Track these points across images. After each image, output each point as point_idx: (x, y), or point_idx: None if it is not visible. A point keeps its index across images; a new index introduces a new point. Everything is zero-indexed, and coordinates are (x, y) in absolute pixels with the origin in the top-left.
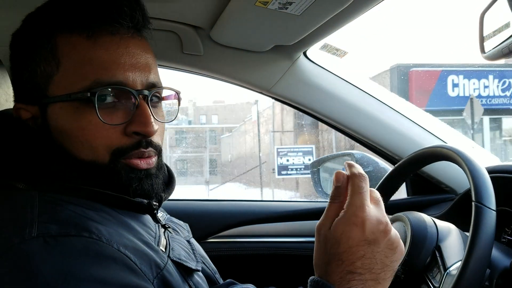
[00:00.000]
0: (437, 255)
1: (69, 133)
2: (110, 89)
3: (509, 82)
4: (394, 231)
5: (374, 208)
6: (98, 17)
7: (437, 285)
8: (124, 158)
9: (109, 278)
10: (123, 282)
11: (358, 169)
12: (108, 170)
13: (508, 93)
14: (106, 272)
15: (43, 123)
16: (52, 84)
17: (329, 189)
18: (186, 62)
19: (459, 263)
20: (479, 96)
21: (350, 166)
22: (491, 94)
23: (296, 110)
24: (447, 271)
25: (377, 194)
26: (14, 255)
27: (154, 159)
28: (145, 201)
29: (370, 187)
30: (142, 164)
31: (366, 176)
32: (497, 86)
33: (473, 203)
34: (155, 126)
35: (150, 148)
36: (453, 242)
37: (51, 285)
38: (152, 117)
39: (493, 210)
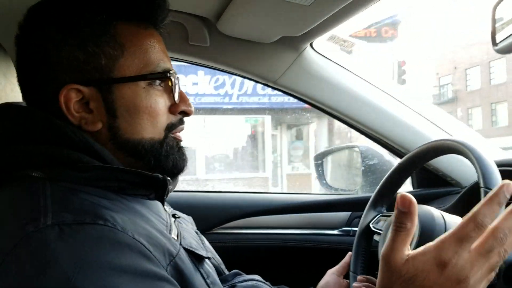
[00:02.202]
0: None
1: (137, 112)
2: (170, 73)
3: (224, 80)
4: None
5: (465, 259)
6: (148, 11)
7: None
8: (172, 132)
9: (124, 265)
10: (139, 268)
11: (486, 214)
12: (161, 144)
13: (221, 91)
14: (122, 259)
15: (105, 102)
16: (119, 67)
17: (334, 182)
18: (192, 53)
19: None
20: (187, 94)
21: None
22: (201, 92)
23: None
24: None
25: (493, 244)
26: (30, 244)
27: None
28: (160, 176)
29: (375, 179)
30: (181, 136)
31: (487, 225)
32: (209, 83)
33: (481, 189)
34: None
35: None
36: None
37: (68, 273)
38: None
39: None
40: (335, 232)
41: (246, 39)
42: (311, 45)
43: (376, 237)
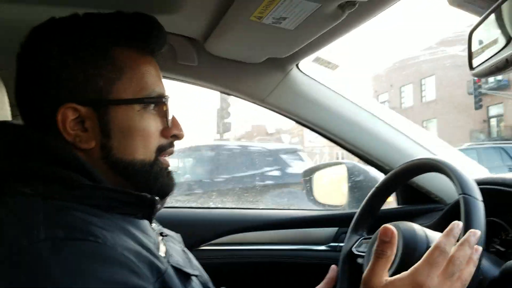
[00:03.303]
0: None
1: (130, 133)
2: (165, 98)
3: None
4: None
5: (437, 283)
6: (147, 39)
7: None
8: (161, 155)
9: (114, 281)
10: (129, 284)
11: (446, 243)
12: (151, 166)
13: None
14: (113, 275)
15: (100, 122)
16: (116, 89)
17: (321, 198)
18: (180, 72)
19: None
20: None
21: (448, 233)
22: None
23: None
24: None
25: (454, 269)
26: (25, 256)
27: None
28: (148, 195)
29: (361, 195)
30: (168, 162)
31: (449, 252)
32: None
33: (460, 196)
34: None
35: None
36: None
37: (61, 287)
38: None
39: (480, 200)
40: (322, 247)
41: (234, 59)
42: (297, 66)
43: (359, 260)
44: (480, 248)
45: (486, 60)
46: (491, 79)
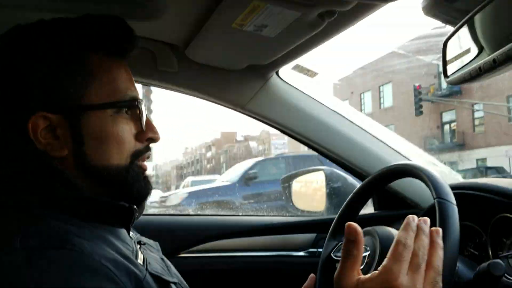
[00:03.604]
0: None
1: (104, 139)
2: (138, 101)
3: None
4: None
5: (408, 280)
6: (118, 42)
7: None
8: (138, 160)
9: None
10: None
11: (407, 237)
12: (127, 171)
13: None
14: (89, 284)
15: (72, 129)
16: (87, 94)
17: (300, 204)
18: (160, 79)
19: None
20: None
21: (406, 227)
22: None
23: None
24: None
25: (419, 260)
26: (0, 267)
27: None
28: (126, 204)
29: (339, 201)
30: (146, 166)
31: (411, 245)
32: None
33: (435, 200)
34: None
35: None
36: None
37: None
38: None
39: (454, 204)
40: (301, 253)
41: (214, 66)
42: (277, 73)
43: (338, 265)
44: (428, 220)
45: (460, 68)
46: (443, 86)
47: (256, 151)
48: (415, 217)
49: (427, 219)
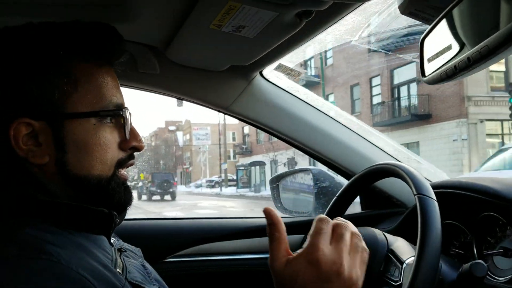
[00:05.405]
0: (391, 256)
1: (86, 148)
2: (123, 109)
3: None
4: (349, 273)
5: (331, 250)
6: (104, 50)
7: (398, 279)
8: (120, 169)
9: None
10: None
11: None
12: (108, 182)
13: None
14: None
15: (54, 137)
16: (71, 102)
17: (288, 205)
18: (141, 81)
19: (412, 258)
20: None
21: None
22: None
23: None
24: (404, 263)
25: (341, 231)
26: None
27: None
28: (106, 210)
29: (326, 200)
30: (127, 175)
31: (328, 219)
32: None
33: (415, 197)
34: None
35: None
36: (403, 245)
37: None
38: None
39: (434, 199)
40: None
41: (196, 67)
42: (260, 73)
43: None
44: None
45: (440, 67)
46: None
47: (181, 142)
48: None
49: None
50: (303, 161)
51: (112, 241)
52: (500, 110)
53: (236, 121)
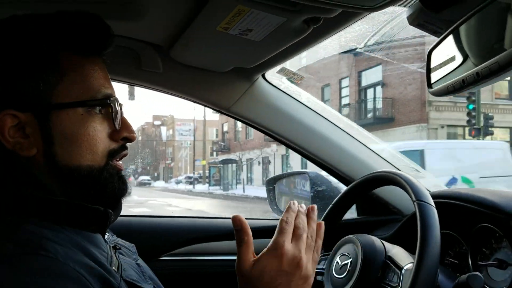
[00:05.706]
0: (389, 263)
1: (74, 139)
2: (112, 99)
3: None
4: (306, 266)
5: (292, 246)
6: (93, 41)
7: (396, 284)
8: (113, 159)
9: None
10: None
11: (288, 216)
12: (100, 172)
13: None
14: None
15: (41, 128)
16: (57, 93)
17: (284, 207)
18: (144, 79)
19: (411, 265)
20: None
21: (288, 210)
22: None
23: None
24: (403, 269)
25: (300, 231)
26: None
27: None
28: (101, 208)
29: (323, 205)
30: (122, 165)
31: (292, 221)
32: None
33: (414, 203)
34: None
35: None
36: (400, 252)
37: None
38: None
39: (433, 206)
40: None
41: (200, 68)
42: (263, 76)
43: (319, 278)
44: (304, 206)
45: (443, 77)
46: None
47: (165, 137)
48: (296, 202)
49: (304, 205)
50: (277, 159)
51: (106, 236)
52: (462, 116)
53: (216, 117)
